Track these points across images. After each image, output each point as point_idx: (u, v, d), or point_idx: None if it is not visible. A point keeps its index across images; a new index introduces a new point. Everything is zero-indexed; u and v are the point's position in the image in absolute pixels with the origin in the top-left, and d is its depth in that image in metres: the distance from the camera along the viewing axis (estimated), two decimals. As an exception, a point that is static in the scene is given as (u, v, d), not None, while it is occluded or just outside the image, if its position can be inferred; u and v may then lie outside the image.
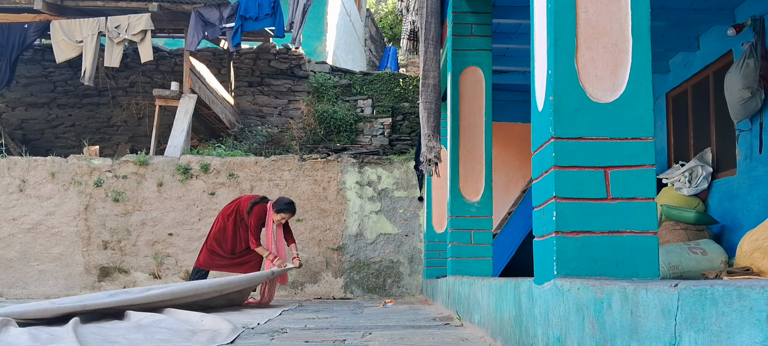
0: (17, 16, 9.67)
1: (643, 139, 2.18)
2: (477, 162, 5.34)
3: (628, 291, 1.50)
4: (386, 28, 20.02)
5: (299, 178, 8.51)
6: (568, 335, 1.92)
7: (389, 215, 8.56)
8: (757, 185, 5.68)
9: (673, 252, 5.56)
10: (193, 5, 9.41)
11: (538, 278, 2.32)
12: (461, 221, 5.23)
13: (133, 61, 11.03)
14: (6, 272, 8.38)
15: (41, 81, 11.66)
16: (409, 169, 8.61)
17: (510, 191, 9.15)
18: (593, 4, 2.24)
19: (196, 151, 9.12)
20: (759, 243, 4.33)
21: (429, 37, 5.42)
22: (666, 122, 7.46)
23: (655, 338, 1.35)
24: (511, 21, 6.37)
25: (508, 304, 2.81)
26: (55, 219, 8.45)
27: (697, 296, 1.18)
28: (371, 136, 11.01)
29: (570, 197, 2.16)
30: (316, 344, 3.21)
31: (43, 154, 9.76)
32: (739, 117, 5.75)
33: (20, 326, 3.76)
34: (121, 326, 4.08)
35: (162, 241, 8.44)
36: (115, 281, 8.40)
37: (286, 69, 11.59)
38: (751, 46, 5.58)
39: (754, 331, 1.01)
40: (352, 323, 4.42)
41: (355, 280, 8.49)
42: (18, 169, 8.55)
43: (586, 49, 2.22)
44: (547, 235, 2.23)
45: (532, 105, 2.47)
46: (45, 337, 3.36)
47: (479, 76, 5.47)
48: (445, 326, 4.12)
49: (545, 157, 2.27)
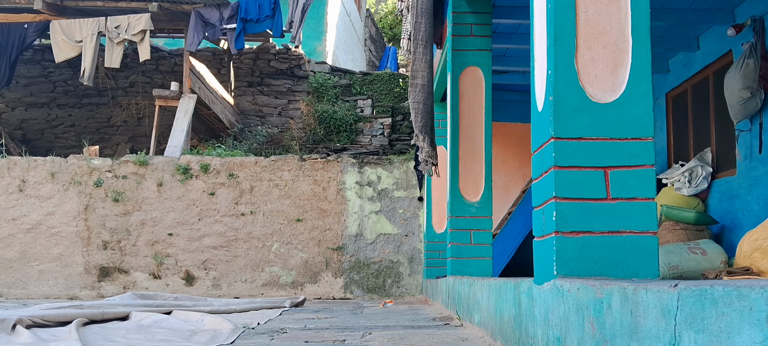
0: (17, 16, 9.67)
1: (643, 140, 2.18)
2: (477, 162, 5.34)
3: (628, 291, 1.50)
4: (386, 28, 20.02)
5: (299, 178, 8.51)
6: (568, 335, 1.92)
7: (389, 215, 8.56)
8: (757, 185, 5.68)
9: (673, 252, 5.56)
10: (192, 5, 9.41)
11: (538, 278, 2.32)
12: (461, 221, 5.23)
13: (133, 62, 11.03)
14: (6, 272, 8.38)
15: (41, 81, 11.66)
16: (409, 170, 8.61)
17: (510, 191, 9.15)
18: (593, 4, 2.24)
19: (196, 151, 9.12)
20: (759, 243, 4.33)
21: (418, 37, 5.42)
22: (666, 122, 7.46)
23: (655, 338, 1.35)
24: (511, 21, 6.37)
25: (508, 304, 2.81)
26: (54, 219, 8.45)
27: (696, 296, 1.18)
28: (371, 136, 11.01)
29: (570, 197, 2.16)
30: (316, 345, 3.21)
31: (43, 154, 9.76)
32: (739, 117, 5.75)
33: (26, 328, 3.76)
34: (122, 326, 4.08)
35: (162, 241, 8.44)
36: (114, 281, 8.40)
37: (285, 69, 11.59)
38: (750, 46, 5.58)
39: (753, 331, 1.01)
40: (352, 324, 4.42)
41: (354, 280, 8.49)
42: (18, 169, 8.54)
43: (586, 49, 2.22)
44: (547, 235, 2.23)
45: (532, 105, 2.47)
46: (47, 336, 3.38)
47: (479, 76, 5.47)
48: (445, 326, 4.12)
49: (545, 158, 2.27)
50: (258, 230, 8.48)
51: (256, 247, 8.45)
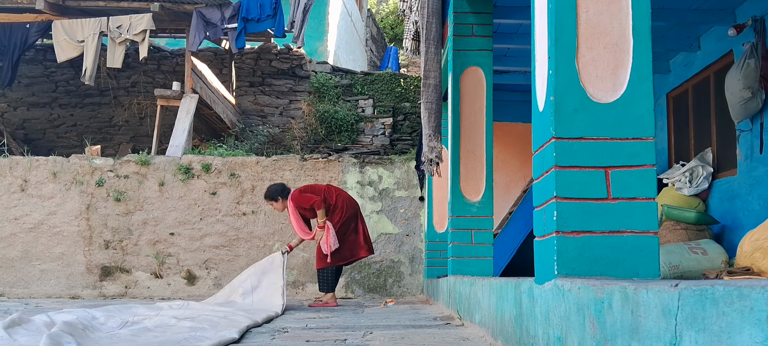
0: (19, 16, 9.68)
1: (644, 139, 2.19)
2: (478, 162, 5.35)
3: (629, 291, 1.51)
4: (387, 28, 20.03)
5: (300, 178, 8.51)
6: (568, 334, 1.92)
7: (390, 215, 8.56)
8: (758, 185, 5.68)
9: (674, 252, 5.56)
10: (194, 5, 9.42)
11: (539, 278, 2.32)
12: (462, 221, 5.24)
13: (135, 61, 11.04)
14: (8, 272, 8.39)
15: (43, 81, 11.67)
16: (409, 169, 8.61)
17: (511, 190, 9.16)
18: (594, 5, 2.24)
19: (198, 151, 9.12)
20: (759, 243, 4.33)
21: (430, 38, 5.43)
22: (666, 122, 7.46)
23: (655, 338, 1.35)
24: (512, 21, 6.37)
25: (508, 304, 2.82)
26: (56, 219, 8.47)
27: (697, 296, 1.19)
28: (372, 136, 11.02)
29: (571, 196, 2.16)
30: (318, 344, 3.21)
31: (45, 153, 9.77)
32: (740, 117, 5.75)
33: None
34: (127, 329, 4.08)
35: (163, 240, 8.45)
36: (116, 280, 8.41)
37: (287, 69, 11.59)
38: (751, 46, 5.58)
39: (754, 331, 1.01)
40: (353, 323, 4.43)
41: (356, 279, 8.49)
42: (20, 168, 8.56)
43: (586, 50, 2.23)
44: (547, 235, 2.24)
45: (533, 105, 2.48)
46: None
47: (480, 76, 5.48)
48: (446, 326, 4.12)
49: (546, 157, 2.27)
50: (259, 230, 8.48)
51: (257, 246, 8.45)
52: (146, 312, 4.76)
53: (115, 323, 3.95)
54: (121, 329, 3.82)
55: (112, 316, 4.19)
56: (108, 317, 4.13)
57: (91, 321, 3.87)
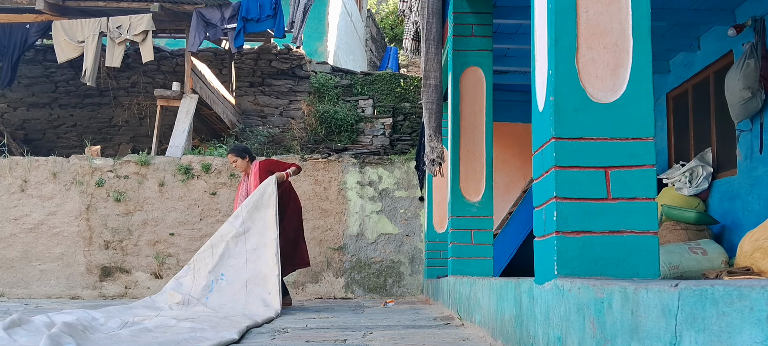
0: (19, 16, 9.68)
1: (644, 139, 2.19)
2: (478, 162, 5.35)
3: (629, 291, 1.51)
4: (387, 28, 20.03)
5: (300, 178, 8.51)
6: (568, 334, 1.92)
7: (390, 215, 8.56)
8: (758, 185, 5.68)
9: (674, 252, 5.56)
10: (194, 6, 9.42)
11: (539, 278, 2.32)
12: (462, 221, 5.24)
13: (135, 62, 11.04)
14: (8, 272, 8.39)
15: (43, 81, 11.67)
16: (409, 170, 8.61)
17: (511, 191, 9.16)
18: (594, 5, 2.24)
19: (198, 151, 9.13)
20: (759, 243, 4.33)
21: (430, 38, 5.43)
22: (666, 122, 7.46)
23: (655, 338, 1.35)
24: (512, 21, 6.37)
25: (508, 304, 2.82)
26: (56, 219, 8.47)
27: (697, 296, 1.19)
28: (372, 136, 11.02)
29: (570, 197, 2.16)
30: (318, 344, 3.21)
31: (45, 154, 9.77)
32: (740, 117, 5.75)
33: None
34: (127, 329, 4.08)
35: (163, 241, 8.45)
36: (116, 280, 8.41)
37: (287, 69, 11.59)
38: (751, 46, 5.58)
39: (754, 331, 1.01)
40: (353, 323, 4.43)
41: (356, 280, 8.49)
42: (20, 169, 8.56)
43: (586, 50, 2.23)
44: (547, 235, 2.24)
45: (533, 105, 2.48)
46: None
47: (480, 76, 5.48)
48: (446, 326, 4.12)
49: (546, 158, 2.27)
50: (259, 230, 8.48)
51: (257, 247, 8.45)
52: (146, 313, 4.76)
53: (115, 323, 3.96)
54: (121, 329, 3.82)
55: (112, 316, 4.20)
56: (108, 317, 4.13)
57: (91, 322, 3.87)
